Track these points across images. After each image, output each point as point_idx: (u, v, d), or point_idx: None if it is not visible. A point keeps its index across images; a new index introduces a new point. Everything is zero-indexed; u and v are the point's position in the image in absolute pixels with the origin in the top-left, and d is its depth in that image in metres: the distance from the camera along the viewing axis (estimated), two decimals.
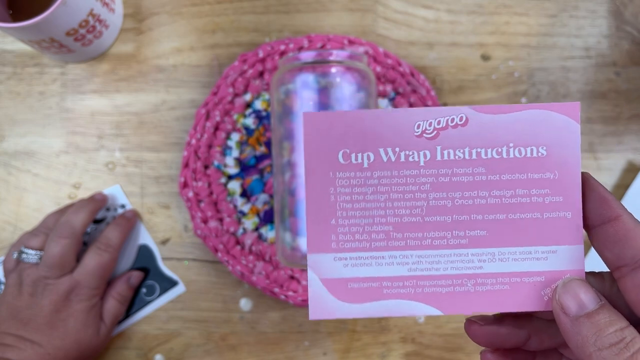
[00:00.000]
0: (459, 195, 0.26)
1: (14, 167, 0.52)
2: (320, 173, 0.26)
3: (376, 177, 0.26)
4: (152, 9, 0.53)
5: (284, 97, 0.45)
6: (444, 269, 0.26)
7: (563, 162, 0.26)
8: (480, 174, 0.26)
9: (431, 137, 0.26)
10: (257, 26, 0.52)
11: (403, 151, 0.26)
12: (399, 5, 0.52)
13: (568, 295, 0.25)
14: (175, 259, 0.51)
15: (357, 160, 0.26)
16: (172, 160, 0.52)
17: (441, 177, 0.26)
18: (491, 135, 0.26)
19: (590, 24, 0.52)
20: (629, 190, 0.50)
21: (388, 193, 0.26)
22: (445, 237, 0.26)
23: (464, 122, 0.26)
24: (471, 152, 0.26)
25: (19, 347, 0.44)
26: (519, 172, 0.26)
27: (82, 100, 0.52)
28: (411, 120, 0.26)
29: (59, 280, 0.45)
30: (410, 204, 0.26)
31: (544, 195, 0.26)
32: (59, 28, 0.45)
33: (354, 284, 0.26)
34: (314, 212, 0.26)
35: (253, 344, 0.51)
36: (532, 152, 0.26)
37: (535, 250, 0.26)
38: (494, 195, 0.26)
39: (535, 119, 0.26)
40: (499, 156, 0.26)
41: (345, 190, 0.26)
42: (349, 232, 0.26)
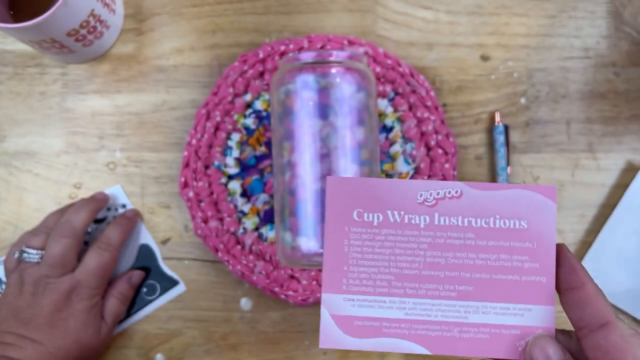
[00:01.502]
0: (452, 255, 0.31)
1: (15, 167, 0.52)
2: (338, 227, 0.31)
3: (383, 234, 0.31)
4: (152, 9, 0.53)
5: (284, 98, 0.45)
6: (435, 316, 0.30)
7: (541, 234, 0.30)
8: (470, 238, 0.31)
9: (431, 205, 0.31)
10: (257, 27, 0.53)
11: (407, 214, 0.31)
12: (398, 6, 0.53)
13: (537, 348, 0.29)
14: (175, 258, 0.52)
15: (369, 219, 0.31)
16: (173, 160, 0.52)
17: (437, 238, 0.31)
18: (481, 207, 0.31)
19: (590, 24, 0.53)
20: (627, 190, 0.50)
21: (392, 248, 0.31)
22: (438, 289, 0.31)
23: (459, 195, 0.31)
24: (464, 220, 0.31)
25: (20, 346, 0.44)
26: (503, 240, 0.31)
27: (82, 100, 0.52)
28: (415, 190, 0.31)
29: (59, 280, 0.45)
30: (410, 258, 0.31)
31: (523, 261, 0.30)
32: (60, 28, 0.45)
33: (359, 322, 0.31)
34: (330, 259, 0.31)
35: (253, 344, 0.51)
36: (515, 225, 0.31)
37: (513, 307, 0.30)
38: (480, 257, 0.31)
39: (519, 197, 0.31)
40: (487, 225, 0.31)
41: (357, 243, 0.31)
42: (358, 277, 0.31)
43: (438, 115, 0.51)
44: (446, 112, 0.52)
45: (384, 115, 0.51)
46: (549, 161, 0.52)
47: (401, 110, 0.51)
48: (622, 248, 0.50)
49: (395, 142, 0.51)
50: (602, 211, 0.51)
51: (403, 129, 0.51)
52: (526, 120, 0.52)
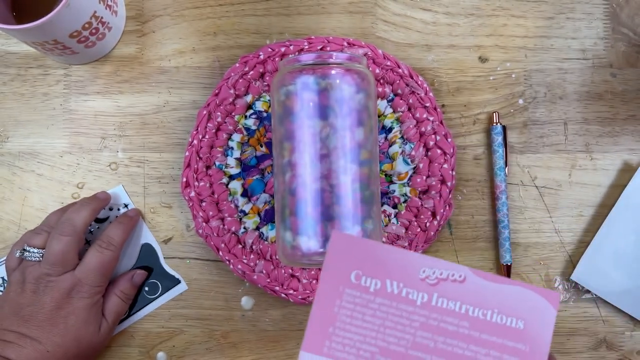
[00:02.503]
0: (442, 339, 0.29)
1: (18, 168, 0.53)
2: (332, 285, 0.30)
3: (377, 302, 0.30)
4: (154, 11, 0.53)
5: (284, 99, 0.45)
6: None
7: (536, 338, 0.29)
8: (464, 327, 0.29)
9: (432, 284, 0.30)
10: (258, 28, 0.53)
11: (406, 288, 0.30)
12: (397, 8, 0.53)
13: None
14: (177, 257, 0.52)
15: (366, 284, 0.30)
16: (174, 161, 0.52)
17: (431, 320, 0.30)
18: (482, 297, 0.30)
19: (587, 25, 0.53)
20: (624, 190, 0.51)
21: (384, 319, 0.29)
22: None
23: (462, 280, 0.30)
24: (461, 306, 0.30)
25: (19, 344, 0.44)
26: (496, 336, 0.29)
27: (85, 101, 0.53)
28: (419, 264, 0.30)
29: (60, 278, 0.46)
30: (400, 334, 0.29)
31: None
32: (63, 30, 0.45)
33: None
34: (316, 317, 0.29)
35: (254, 342, 0.51)
36: (512, 323, 0.29)
37: None
38: (471, 349, 0.29)
39: (521, 295, 0.30)
40: (484, 317, 0.29)
41: (349, 306, 0.30)
42: (342, 342, 0.29)
43: (437, 116, 0.51)
44: (445, 113, 0.52)
45: (383, 116, 0.52)
46: (547, 161, 0.52)
47: (400, 111, 0.51)
48: (620, 247, 0.50)
49: (395, 143, 0.51)
50: (600, 211, 0.52)
51: (402, 130, 0.51)
52: (524, 121, 0.52)
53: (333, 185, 0.44)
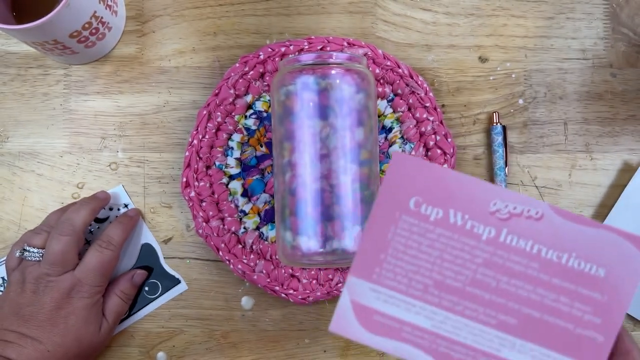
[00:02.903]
0: (506, 279, 0.27)
1: (18, 168, 0.53)
2: (388, 209, 0.27)
3: (437, 233, 0.27)
4: (154, 11, 0.53)
5: (284, 99, 0.45)
6: (465, 338, 0.27)
7: (617, 289, 0.26)
8: (533, 268, 0.27)
9: (503, 218, 0.27)
10: (258, 28, 0.53)
11: (471, 220, 0.27)
12: (397, 8, 0.53)
13: None
14: (177, 257, 0.52)
15: (426, 212, 0.27)
16: (174, 161, 0.52)
17: (496, 257, 0.27)
18: (558, 238, 0.27)
19: (587, 25, 0.53)
20: (624, 190, 0.51)
21: (442, 251, 0.27)
22: (478, 311, 0.27)
23: (538, 217, 0.27)
24: (534, 246, 0.27)
25: (20, 344, 0.44)
26: (570, 282, 0.27)
27: (85, 101, 0.53)
28: (491, 196, 0.27)
29: (60, 278, 0.46)
30: (458, 269, 0.27)
31: (585, 311, 0.27)
32: (63, 30, 0.45)
33: (378, 317, 0.27)
34: (368, 241, 0.27)
35: (254, 342, 0.51)
36: (591, 269, 0.27)
37: (555, 356, 0.27)
38: (537, 292, 0.27)
39: (607, 240, 0.27)
40: (558, 260, 0.27)
41: (404, 234, 0.27)
42: (393, 271, 0.27)
43: (437, 116, 0.51)
44: (445, 113, 0.52)
45: (383, 116, 0.52)
46: (547, 161, 0.52)
47: (400, 111, 0.51)
48: None
49: (395, 143, 0.51)
50: (600, 211, 0.52)
51: (402, 130, 0.51)
52: (524, 121, 0.52)
53: (333, 185, 0.44)
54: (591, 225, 0.27)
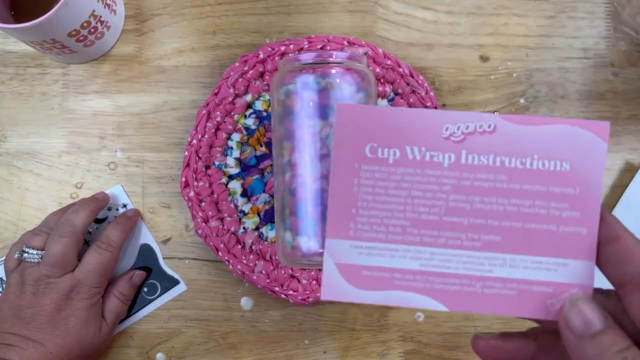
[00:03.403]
0: (479, 199, 0.27)
1: (17, 167, 0.52)
2: (346, 163, 0.27)
3: (400, 173, 0.27)
4: (153, 10, 0.53)
5: (284, 98, 0.45)
6: (455, 268, 0.27)
7: (585, 179, 0.26)
8: (501, 181, 0.27)
9: (458, 140, 0.27)
10: (258, 27, 0.53)
11: (429, 151, 0.27)
12: (398, 7, 0.53)
13: (575, 312, 0.25)
14: (176, 258, 0.52)
15: (383, 155, 0.27)
16: (174, 161, 0.52)
17: (463, 180, 0.27)
18: (517, 145, 0.26)
19: (589, 25, 0.53)
20: (626, 190, 0.50)
21: (409, 190, 0.27)
22: (460, 238, 0.27)
23: (491, 130, 0.27)
24: (495, 159, 0.27)
25: (21, 347, 0.44)
26: (540, 184, 0.26)
27: (84, 100, 0.53)
28: (440, 122, 0.27)
29: (60, 279, 0.46)
30: (430, 202, 0.27)
31: (562, 209, 0.26)
32: (61, 29, 0.45)
33: (367, 272, 0.27)
34: (336, 200, 0.27)
35: (253, 343, 0.51)
36: (556, 166, 0.26)
37: (546, 260, 0.26)
38: (512, 203, 0.27)
39: (563, 133, 0.26)
40: (522, 166, 0.26)
41: (369, 182, 0.27)
42: (368, 222, 0.27)
43: None
44: None
45: None
46: None
47: None
48: None
49: None
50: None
51: None
52: None
53: None
54: (545, 122, 0.26)
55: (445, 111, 0.26)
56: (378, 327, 0.51)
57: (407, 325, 0.51)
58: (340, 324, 0.51)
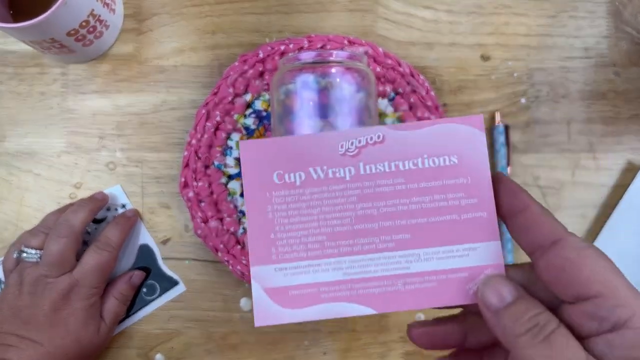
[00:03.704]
0: (383, 204, 0.29)
1: (16, 167, 0.52)
2: (258, 193, 0.29)
3: (308, 193, 0.29)
4: (152, 9, 0.53)
5: (284, 98, 0.45)
6: (375, 272, 0.28)
7: (473, 168, 0.29)
8: (400, 183, 0.29)
9: (353, 154, 0.29)
10: (258, 27, 0.53)
11: (330, 169, 0.29)
12: (398, 6, 0.53)
13: (489, 290, 0.27)
14: (175, 258, 0.52)
15: (290, 180, 0.29)
16: (173, 160, 0.52)
17: (366, 189, 0.29)
18: (407, 149, 0.29)
19: (590, 24, 0.53)
20: (628, 190, 0.50)
21: (320, 207, 0.29)
22: (374, 242, 0.29)
23: (381, 140, 0.29)
24: (390, 165, 0.29)
25: (20, 347, 0.44)
26: (434, 180, 0.29)
27: (83, 100, 0.52)
28: (334, 141, 0.29)
29: (58, 279, 0.45)
30: (340, 214, 0.29)
31: (460, 198, 0.29)
32: (60, 28, 0.45)
33: (294, 291, 0.28)
34: (255, 229, 0.29)
35: (253, 344, 0.51)
36: (445, 161, 0.29)
37: (456, 248, 0.28)
38: (414, 201, 0.29)
39: (445, 131, 0.29)
40: (416, 167, 0.29)
41: (282, 207, 0.29)
42: (287, 244, 0.29)
43: (438, 115, 0.51)
44: (446, 112, 0.52)
45: (384, 115, 0.51)
46: (549, 161, 0.52)
47: (401, 110, 0.51)
48: (623, 248, 0.50)
49: None
50: (603, 211, 0.51)
51: None
52: (526, 120, 0.52)
53: None
54: (426, 125, 0.29)
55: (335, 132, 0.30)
56: (378, 328, 0.51)
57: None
58: (340, 325, 0.51)
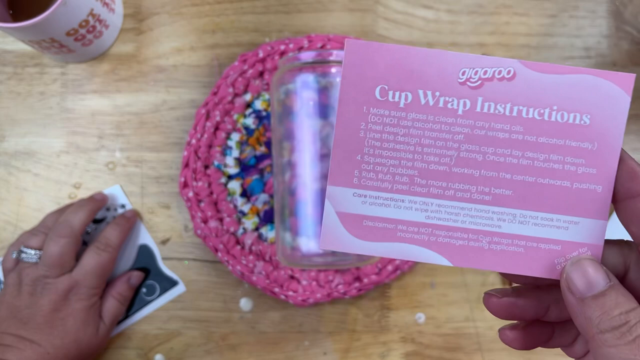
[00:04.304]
0: (492, 150, 0.25)
1: (15, 167, 0.52)
2: (354, 105, 0.25)
3: (410, 118, 0.25)
4: (152, 9, 0.53)
5: (284, 97, 0.45)
6: (462, 222, 0.26)
7: (605, 134, 0.25)
8: (517, 132, 0.25)
9: (475, 86, 0.25)
10: (257, 26, 0.52)
11: (443, 96, 0.25)
12: (399, 6, 0.52)
13: (577, 273, 0.24)
14: (175, 258, 0.51)
15: (394, 99, 0.25)
16: (172, 160, 0.52)
17: (477, 129, 0.25)
18: (536, 94, 0.25)
19: (590, 24, 0.52)
20: None
21: (420, 137, 0.25)
22: (470, 191, 0.26)
23: (511, 76, 0.25)
24: (512, 108, 0.25)
25: (19, 347, 0.44)
26: (557, 137, 0.25)
27: (82, 100, 0.52)
28: (457, 65, 0.25)
29: (58, 280, 0.45)
30: (440, 152, 0.25)
31: (578, 164, 0.25)
32: (59, 28, 0.45)
33: (369, 222, 0.26)
34: (341, 145, 0.26)
35: (253, 344, 0.51)
36: (575, 119, 0.25)
37: (557, 218, 0.25)
38: (527, 156, 0.25)
39: (586, 84, 0.25)
40: (540, 117, 0.25)
41: (377, 128, 0.25)
42: (373, 170, 0.26)
43: None
44: None
45: None
46: None
47: None
48: None
49: None
50: None
51: None
52: None
53: None
54: (567, 71, 0.25)
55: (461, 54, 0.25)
56: (379, 328, 0.51)
57: (408, 326, 0.51)
58: (340, 325, 0.51)
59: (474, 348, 0.51)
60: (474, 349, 0.51)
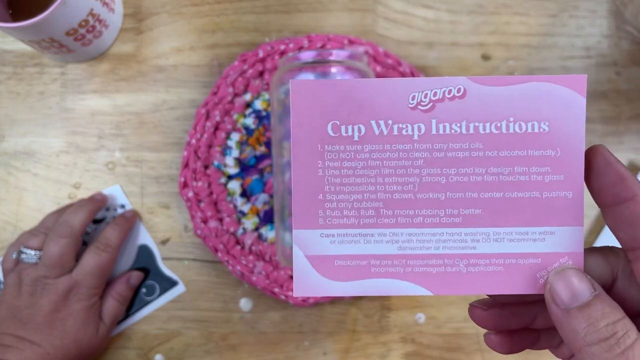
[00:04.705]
0: (454, 171, 0.25)
1: (14, 167, 0.52)
2: (307, 145, 0.25)
3: (367, 150, 0.25)
4: (152, 8, 0.53)
5: (283, 97, 0.45)
6: (435, 248, 0.25)
7: (566, 138, 0.24)
8: (477, 149, 0.25)
9: (426, 109, 0.25)
10: (257, 26, 0.52)
11: (396, 124, 0.25)
12: (399, 5, 0.52)
13: (560, 283, 0.23)
14: (175, 258, 0.51)
15: (348, 133, 0.25)
16: (172, 160, 0.52)
17: (435, 152, 0.25)
18: (490, 108, 0.24)
19: (591, 23, 0.52)
20: None
21: (379, 168, 0.25)
22: (438, 215, 0.25)
23: (462, 94, 0.25)
24: (468, 126, 0.25)
25: (19, 348, 0.44)
26: (518, 149, 0.25)
27: (82, 100, 0.52)
28: (406, 90, 0.25)
29: (57, 280, 0.45)
30: (402, 179, 0.25)
31: (544, 173, 0.25)
32: (59, 28, 0.45)
33: (341, 262, 0.25)
34: (300, 187, 0.25)
35: (253, 344, 0.51)
36: (534, 128, 0.24)
37: (532, 231, 0.25)
38: (491, 172, 0.25)
39: (538, 92, 0.24)
40: (498, 131, 0.25)
41: (334, 164, 0.25)
42: (337, 207, 0.25)
43: None
44: None
45: None
46: None
47: None
48: None
49: None
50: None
51: None
52: None
53: None
54: (517, 81, 0.24)
55: (409, 78, 0.25)
56: (379, 328, 0.51)
57: (408, 326, 0.51)
58: (340, 325, 0.51)
59: (474, 348, 0.51)
60: (474, 349, 0.51)
